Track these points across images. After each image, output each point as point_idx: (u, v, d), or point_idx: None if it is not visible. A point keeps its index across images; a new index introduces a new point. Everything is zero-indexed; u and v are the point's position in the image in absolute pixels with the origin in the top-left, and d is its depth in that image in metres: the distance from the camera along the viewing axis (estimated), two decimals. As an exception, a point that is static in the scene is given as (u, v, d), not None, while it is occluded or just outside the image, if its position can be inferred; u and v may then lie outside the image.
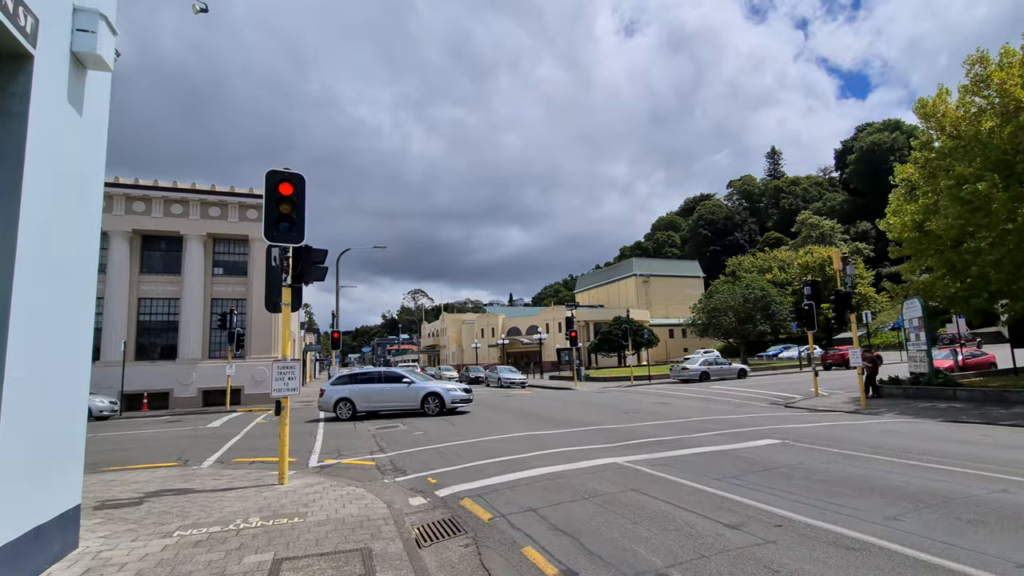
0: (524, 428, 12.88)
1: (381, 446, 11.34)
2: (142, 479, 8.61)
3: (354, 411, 17.25)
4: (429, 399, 16.95)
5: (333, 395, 17.49)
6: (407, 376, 17.83)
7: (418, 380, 17.78)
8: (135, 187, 26.23)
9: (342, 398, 17.30)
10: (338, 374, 18.65)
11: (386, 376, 18.09)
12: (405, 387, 17.25)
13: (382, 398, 17.34)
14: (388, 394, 17.31)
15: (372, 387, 17.48)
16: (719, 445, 9.26)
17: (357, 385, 17.68)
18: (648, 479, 6.90)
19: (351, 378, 18.37)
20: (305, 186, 8.08)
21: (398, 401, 17.24)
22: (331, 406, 17.30)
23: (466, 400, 17.63)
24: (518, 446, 10.13)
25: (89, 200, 5.55)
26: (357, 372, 19.24)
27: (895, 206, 19.61)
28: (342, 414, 17.12)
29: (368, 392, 17.41)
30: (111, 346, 25.05)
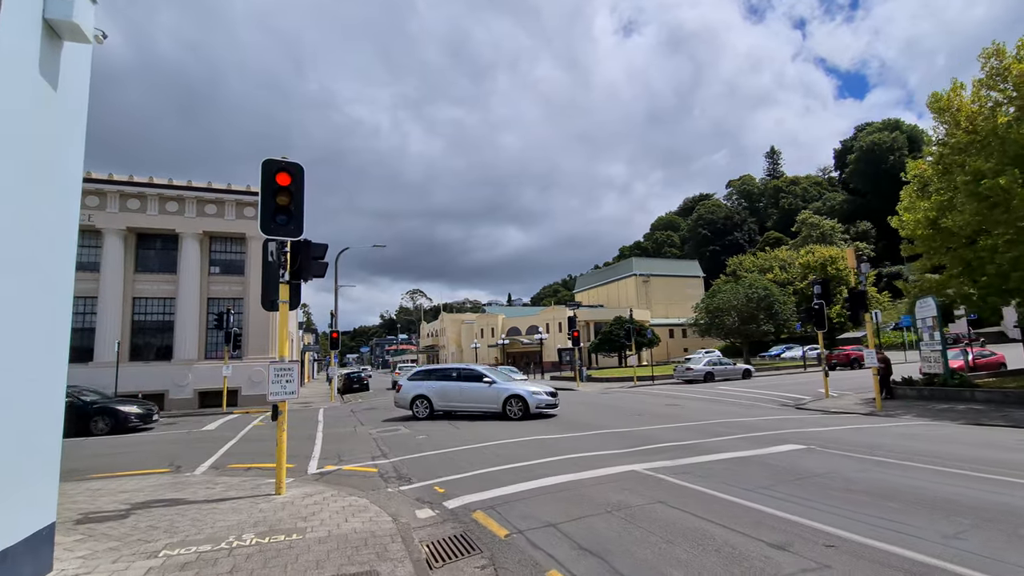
0: (532, 432, 12.39)
1: (383, 451, 10.86)
2: (131, 487, 8.11)
3: (431, 410, 16.11)
4: (512, 402, 15.10)
5: (410, 391, 16.41)
6: (488, 375, 16.06)
7: (499, 380, 15.89)
8: (129, 184, 25.67)
9: (419, 395, 16.21)
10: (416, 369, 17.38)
11: (464, 374, 16.53)
12: (485, 387, 15.60)
13: (460, 397, 15.91)
14: (467, 393, 15.84)
15: (450, 385, 16.15)
16: (740, 451, 8.79)
17: (434, 382, 16.44)
18: (673, 489, 6.43)
19: (426, 374, 17.17)
20: (304, 176, 7.60)
21: (477, 402, 15.68)
22: (407, 403, 16.34)
23: (552, 405, 15.46)
24: (527, 451, 9.65)
25: (65, 184, 5.05)
26: (432, 368, 17.76)
27: (907, 203, 19.19)
28: (419, 412, 16.10)
29: (446, 390, 16.12)
30: (105, 346, 24.49)
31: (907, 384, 18.06)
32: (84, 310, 25.50)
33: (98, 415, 16.03)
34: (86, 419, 15.88)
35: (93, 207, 25.20)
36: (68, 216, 5.12)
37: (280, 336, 7.53)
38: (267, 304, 7.62)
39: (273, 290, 7.48)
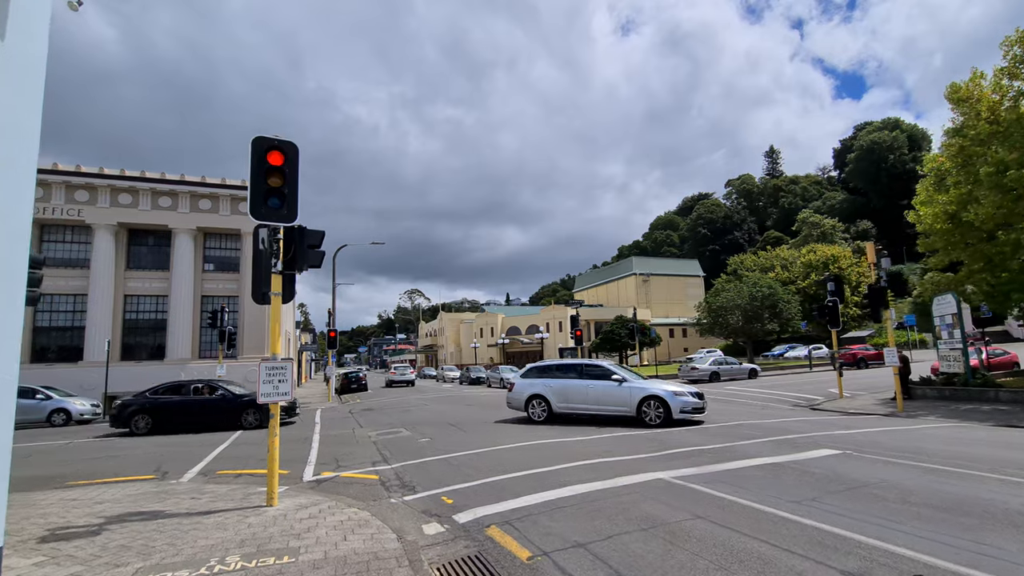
0: (542, 435, 11.73)
1: (384, 455, 10.18)
2: (109, 497, 7.42)
3: (549, 411, 13.90)
4: (650, 404, 12.52)
5: (525, 390, 14.31)
6: (616, 371, 13.53)
7: (632, 378, 13.37)
8: (121, 178, 24.95)
9: (535, 395, 14.06)
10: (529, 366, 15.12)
11: (589, 370, 13.94)
12: (615, 386, 13.09)
13: (585, 398, 13.51)
14: (593, 393, 13.43)
15: (572, 384, 13.75)
16: (771, 456, 8.14)
17: (553, 380, 14.07)
18: (711, 501, 5.77)
19: (542, 371, 14.73)
20: (298, 156, 6.92)
21: (606, 404, 13.23)
22: (522, 404, 14.23)
23: (699, 409, 12.68)
24: (540, 456, 8.98)
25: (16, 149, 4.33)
26: (549, 363, 15.05)
27: (924, 196, 18.58)
28: (535, 415, 13.99)
29: (567, 389, 13.79)
30: (95, 346, 23.77)
31: (926, 384, 17.45)
32: (73, 308, 24.77)
33: (248, 408, 15.75)
34: (238, 412, 15.71)
35: (83, 202, 24.48)
36: (20, 186, 4.41)
37: (272, 331, 6.85)
38: (258, 296, 6.94)
39: (264, 281, 6.79)
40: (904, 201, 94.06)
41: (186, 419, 15.70)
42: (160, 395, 16.21)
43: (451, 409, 19.24)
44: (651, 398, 12.59)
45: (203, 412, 15.76)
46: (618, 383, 13.16)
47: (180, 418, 15.71)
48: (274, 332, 6.84)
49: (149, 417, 15.48)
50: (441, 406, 20.85)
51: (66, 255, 25.03)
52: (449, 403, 22.16)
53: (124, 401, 16.11)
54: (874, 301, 14.88)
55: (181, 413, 15.76)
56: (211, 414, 15.69)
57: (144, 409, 15.63)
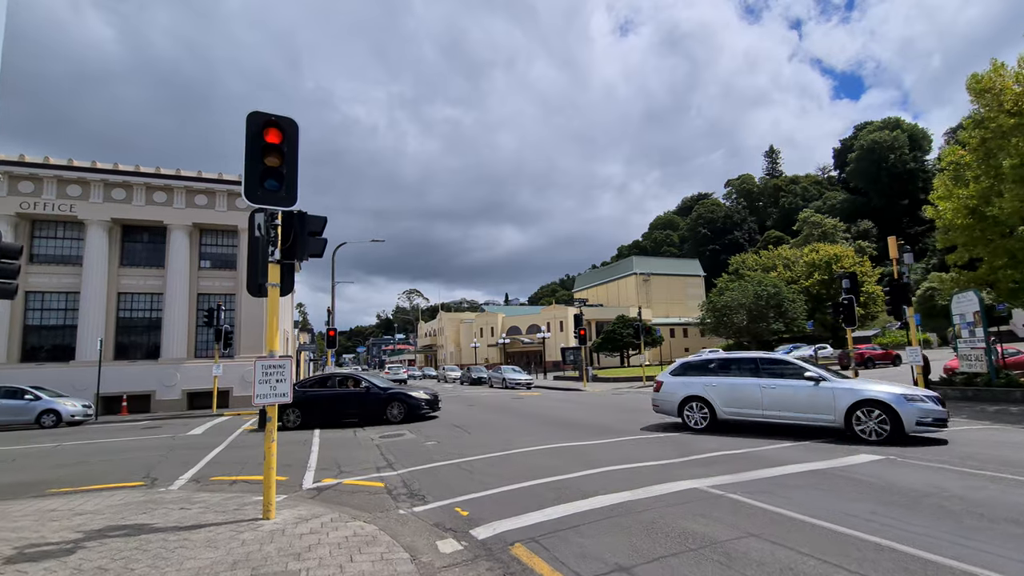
0: (556, 437, 11.13)
1: (388, 460, 9.57)
2: (91, 508, 6.80)
3: (712, 418, 10.89)
4: (866, 412, 9.11)
5: (678, 391, 11.49)
6: (811, 369, 10.21)
7: (831, 376, 10.03)
8: (114, 172, 24.28)
9: (692, 397, 11.20)
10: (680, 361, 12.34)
11: (768, 366, 10.67)
12: (808, 387, 9.84)
13: (762, 401, 10.27)
14: (775, 396, 10.13)
15: (743, 383, 10.62)
16: (807, 462, 7.55)
17: (717, 377, 11.07)
18: (759, 515, 5.18)
19: (700, 367, 11.68)
20: (298, 135, 6.32)
21: (795, 411, 9.95)
22: (675, 407, 11.49)
23: (942, 421, 9.03)
24: (560, 462, 8.39)
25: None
26: (709, 358, 11.96)
27: (942, 191, 18.03)
28: (693, 421, 11.11)
29: (738, 390, 10.62)
30: (87, 345, 23.10)
31: (946, 384, 16.91)
32: (65, 306, 24.11)
33: (393, 402, 15.30)
34: (383, 406, 15.24)
35: (75, 197, 23.81)
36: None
37: (269, 326, 6.24)
38: (254, 288, 6.34)
39: (261, 271, 6.19)
40: (904, 201, 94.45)
41: (333, 413, 15.30)
42: (309, 388, 15.95)
43: (455, 410, 18.63)
44: (867, 403, 9.15)
45: (350, 406, 15.39)
46: (814, 382, 9.86)
47: (328, 412, 15.29)
48: (271, 327, 6.24)
49: (299, 411, 15.05)
50: (443, 407, 20.22)
51: (58, 251, 24.35)
52: (452, 403, 21.54)
53: None
54: (896, 298, 14.32)
55: (329, 407, 15.37)
56: (357, 408, 15.32)
57: (295, 402, 14.98)
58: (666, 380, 12.08)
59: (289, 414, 15.05)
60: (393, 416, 15.08)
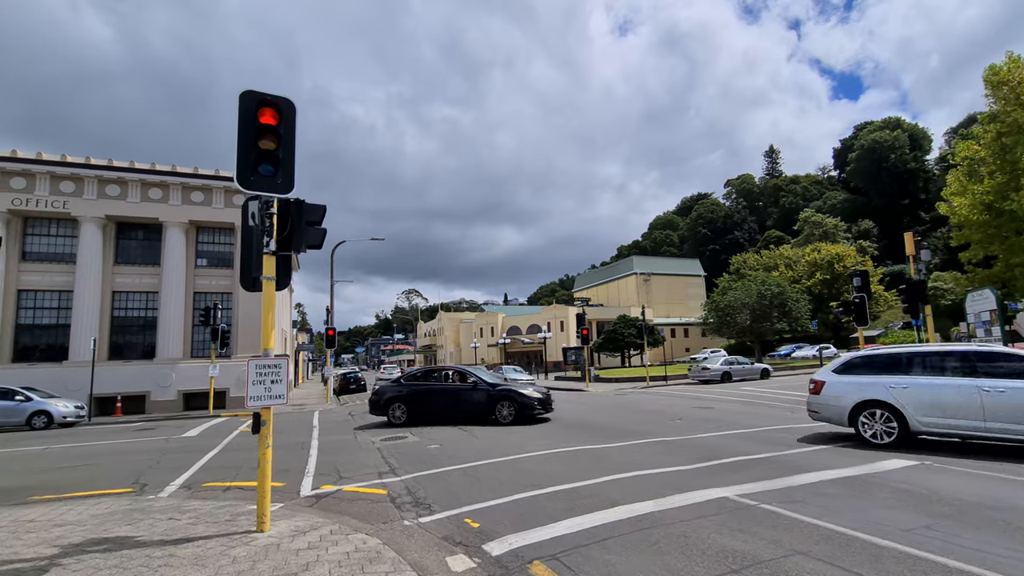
0: (568, 440, 10.69)
1: (391, 465, 9.11)
2: (72, 518, 6.34)
3: (903, 430, 8.43)
4: None
5: (848, 395, 9.11)
6: None
7: None
8: (108, 168, 23.79)
9: (871, 402, 8.79)
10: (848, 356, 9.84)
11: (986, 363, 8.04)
12: None
13: (982, 410, 7.70)
14: (998, 404, 7.57)
15: (950, 385, 8.09)
16: (838, 468, 7.11)
17: (905, 378, 8.59)
18: (800, 529, 4.73)
19: (882, 364, 9.07)
20: (295, 117, 5.87)
21: None
22: (845, 416, 9.09)
23: None
24: (574, 467, 7.94)
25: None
26: (894, 351, 9.29)
27: (956, 187, 17.62)
28: (875, 435, 8.69)
29: (941, 395, 8.12)
30: (81, 344, 22.60)
31: (961, 385, 16.49)
32: (58, 305, 23.62)
33: (503, 400, 13.81)
34: (492, 404, 13.91)
35: (69, 193, 23.33)
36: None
37: (265, 323, 5.78)
38: (247, 282, 5.87)
39: (255, 264, 5.73)
40: (905, 201, 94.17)
41: (441, 409, 14.44)
42: (415, 383, 15.14)
43: (457, 411, 18.14)
44: None
45: (458, 402, 14.38)
46: None
47: (435, 408, 14.48)
48: (266, 324, 5.78)
49: (404, 406, 14.41)
50: (446, 408, 19.77)
51: (51, 249, 23.86)
52: (454, 405, 21.09)
53: (381, 388, 15.21)
54: (912, 296, 13.89)
55: (437, 403, 14.53)
56: (465, 405, 14.25)
57: (400, 397, 14.57)
58: (829, 380, 9.60)
59: (395, 409, 14.39)
60: (503, 417, 13.65)
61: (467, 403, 14.25)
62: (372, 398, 15.17)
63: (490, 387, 14.24)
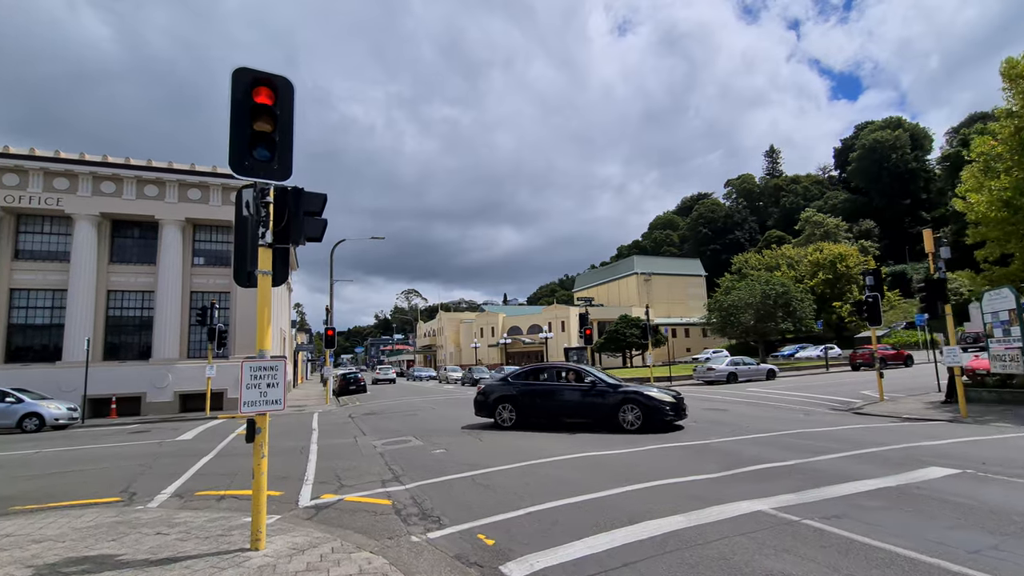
0: (579, 445, 10.23)
1: (395, 471, 8.65)
2: (53, 532, 5.87)
3: None
4: None
5: None
6: None
7: None
8: (103, 165, 23.29)
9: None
10: None
11: None
12: None
13: None
14: None
15: None
16: (875, 477, 6.66)
17: None
18: (854, 550, 4.27)
19: None
20: (293, 97, 5.41)
21: None
22: None
23: None
24: (591, 476, 7.48)
25: None
26: None
27: (972, 183, 17.19)
28: None
29: None
30: (74, 345, 22.11)
31: (978, 386, 16.05)
32: (52, 304, 23.12)
33: (628, 403, 11.93)
34: (614, 408, 12.02)
35: (62, 190, 22.83)
36: None
37: (260, 321, 5.31)
38: (242, 277, 5.43)
39: (250, 257, 5.28)
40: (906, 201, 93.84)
41: (554, 413, 12.86)
42: (524, 381, 13.51)
43: (461, 414, 17.68)
44: None
45: (575, 405, 12.63)
46: None
47: (548, 410, 12.88)
48: (262, 322, 5.31)
49: (513, 408, 13.01)
50: (450, 410, 19.31)
51: (44, 247, 23.35)
52: (457, 407, 20.61)
53: (488, 386, 13.94)
54: (932, 294, 13.45)
55: (550, 404, 12.89)
56: (583, 407, 12.52)
57: (510, 397, 13.14)
58: None
59: (502, 411, 13.08)
60: (628, 422, 11.76)
61: (585, 405, 12.52)
62: (478, 398, 13.77)
63: (611, 388, 12.34)
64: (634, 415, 11.82)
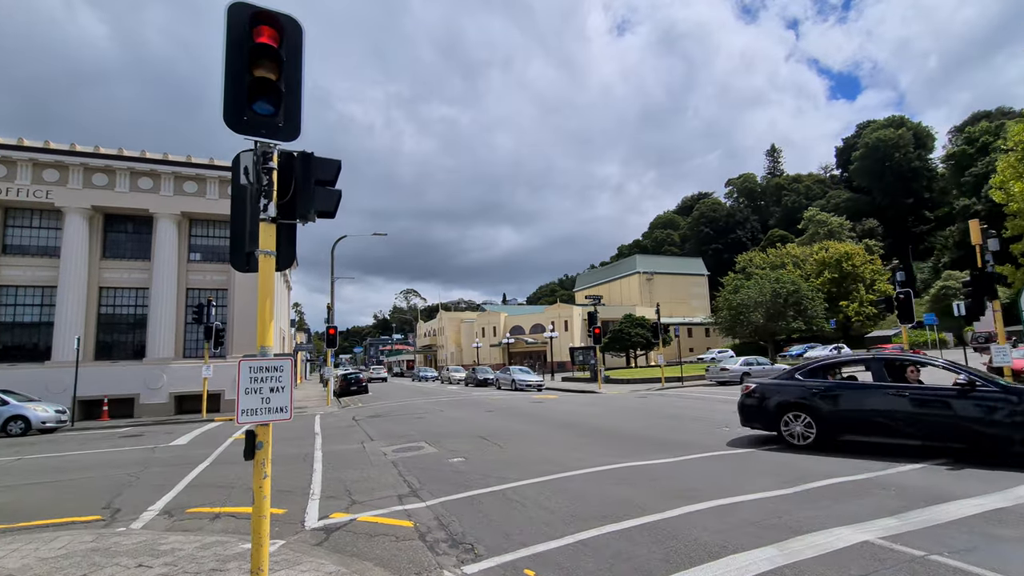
0: (610, 453, 9.31)
1: (411, 484, 7.72)
2: (15, 563, 4.94)
3: None
4: None
5: None
6: None
7: None
8: (95, 156, 22.31)
9: None
10: None
11: None
12: None
13: None
14: None
15: None
16: (979, 495, 5.76)
17: None
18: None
19: None
20: (303, 41, 4.49)
21: None
22: None
23: None
24: (636, 492, 6.57)
25: None
26: None
27: (1008, 173, 16.29)
28: None
29: None
30: (64, 344, 21.12)
31: (1020, 387, 15.19)
32: (41, 301, 22.14)
33: None
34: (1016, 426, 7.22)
35: (52, 182, 21.85)
36: None
37: (261, 313, 4.38)
38: (239, 259, 4.48)
39: (249, 235, 4.34)
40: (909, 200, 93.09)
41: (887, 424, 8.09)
42: (824, 379, 9.15)
43: (472, 416, 16.77)
44: None
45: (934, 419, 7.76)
46: None
47: (874, 421, 8.22)
48: (263, 314, 4.37)
49: (810, 416, 8.76)
50: (457, 412, 18.39)
51: (33, 242, 22.35)
52: (465, 408, 19.70)
53: (761, 386, 9.76)
54: (979, 289, 12.54)
55: (877, 413, 8.17)
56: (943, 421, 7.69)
57: (803, 402, 8.91)
58: None
59: (791, 421, 8.98)
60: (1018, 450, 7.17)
61: (947, 419, 7.68)
62: (748, 402, 9.77)
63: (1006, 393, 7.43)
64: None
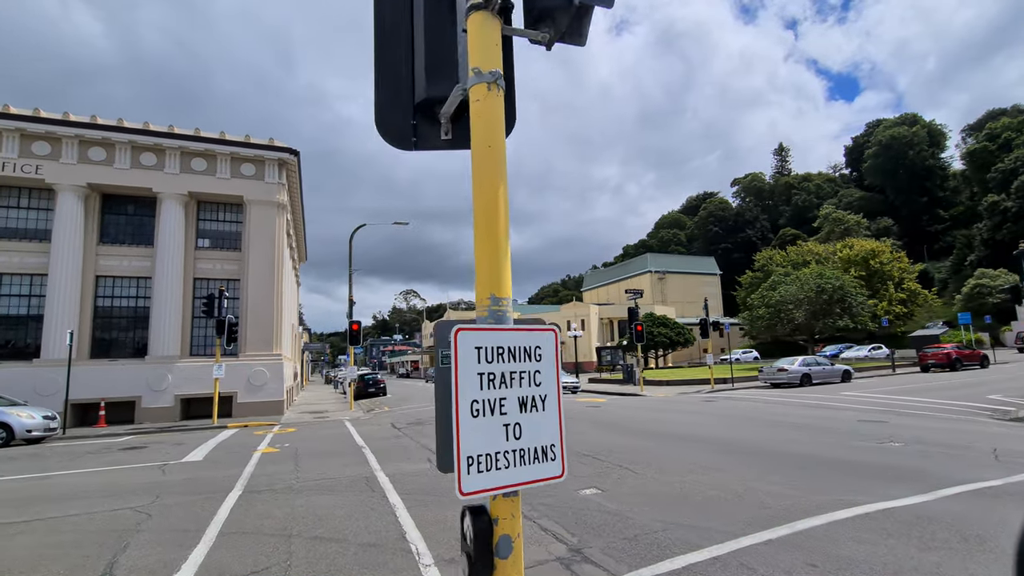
0: (796, 482, 6.93)
1: (559, 535, 5.25)
2: None
3: None
4: None
5: None
6: None
7: None
8: (92, 127, 19.78)
9: None
10: None
11: None
12: None
13: None
14: None
15: None
16: None
17: None
18: None
19: None
20: None
21: None
22: None
23: None
24: (933, 566, 4.13)
25: None
26: None
27: None
28: None
29: None
30: (56, 340, 18.59)
31: None
32: (29, 292, 19.56)
33: None
34: None
35: (42, 156, 19.31)
36: None
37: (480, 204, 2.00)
38: (394, 118, 2.03)
39: (445, 54, 1.89)
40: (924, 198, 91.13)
41: None
42: None
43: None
44: None
45: None
46: None
47: None
48: (495, 206, 1.94)
49: None
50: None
51: (20, 224, 19.76)
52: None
53: None
54: None
55: None
56: None
57: None
58: None
59: None
60: None
61: None
62: None
63: None
64: None
